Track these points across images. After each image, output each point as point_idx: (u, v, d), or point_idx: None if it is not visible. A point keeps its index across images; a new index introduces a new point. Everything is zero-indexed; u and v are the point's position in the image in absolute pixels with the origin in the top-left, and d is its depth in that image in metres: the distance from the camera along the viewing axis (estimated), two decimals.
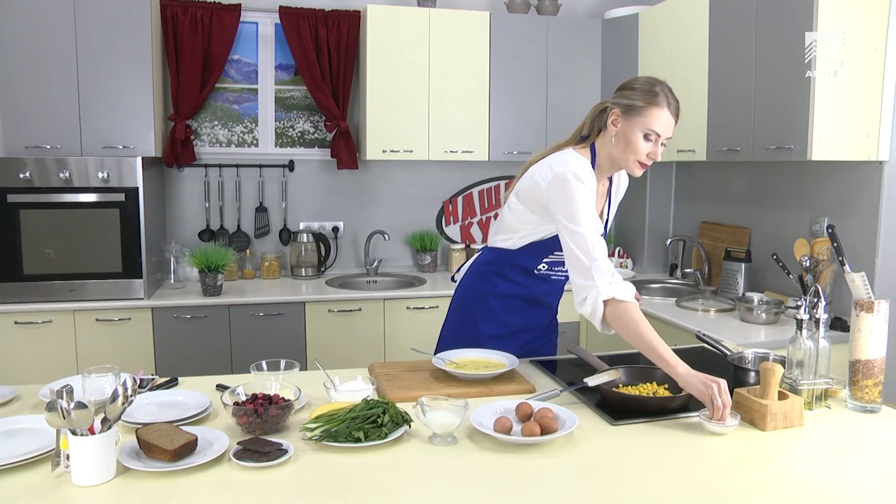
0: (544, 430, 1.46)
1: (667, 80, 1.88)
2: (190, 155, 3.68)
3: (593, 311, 1.77)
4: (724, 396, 1.54)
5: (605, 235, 1.96)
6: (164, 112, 3.61)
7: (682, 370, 1.64)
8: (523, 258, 2.01)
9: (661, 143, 1.84)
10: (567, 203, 1.80)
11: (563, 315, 3.56)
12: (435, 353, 2.17)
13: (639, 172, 1.90)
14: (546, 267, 2.03)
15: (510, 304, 2.08)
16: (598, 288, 1.74)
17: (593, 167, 1.90)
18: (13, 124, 3.16)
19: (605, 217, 2.06)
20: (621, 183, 2.11)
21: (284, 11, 3.67)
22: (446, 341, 2.15)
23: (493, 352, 1.99)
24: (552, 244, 1.95)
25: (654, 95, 1.81)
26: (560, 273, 2.06)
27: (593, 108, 1.96)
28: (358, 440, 1.43)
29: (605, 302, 1.75)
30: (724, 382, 1.57)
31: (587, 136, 1.97)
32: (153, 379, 1.86)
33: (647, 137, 1.82)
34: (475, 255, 2.21)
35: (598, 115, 1.94)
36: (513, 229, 2.00)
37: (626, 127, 1.83)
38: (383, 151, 3.66)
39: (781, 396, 1.60)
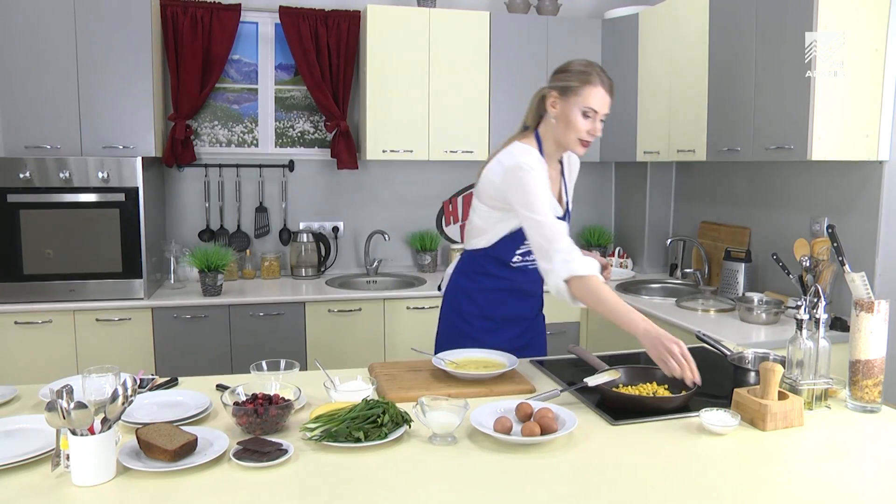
0: (544, 430, 1.46)
1: (667, 80, 1.91)
2: (190, 155, 3.68)
3: (558, 291, 1.87)
4: (682, 357, 1.62)
5: (568, 218, 2.09)
6: (164, 112, 3.61)
7: (641, 329, 1.70)
8: (498, 253, 2.09)
9: (600, 120, 1.97)
10: (522, 193, 1.90)
11: (563, 315, 3.58)
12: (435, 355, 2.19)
13: (582, 151, 2.01)
14: (520, 258, 2.10)
15: (496, 297, 2.14)
16: (555, 270, 1.84)
17: (541, 153, 2.01)
18: (13, 124, 3.16)
19: (564, 199, 2.14)
20: (572, 164, 2.21)
21: (284, 11, 3.67)
22: (443, 342, 2.20)
23: (493, 352, 1.99)
24: (520, 235, 2.02)
25: (588, 75, 1.95)
26: (535, 262, 2.11)
27: (533, 98, 2.07)
28: (358, 440, 1.43)
29: (568, 281, 1.83)
30: (681, 343, 1.64)
31: (529, 127, 2.09)
32: (153, 379, 1.86)
33: (585, 115, 1.94)
34: (455, 261, 2.28)
35: (539, 103, 2.05)
36: (482, 230, 2.09)
37: (565, 107, 1.96)
38: (383, 151, 3.66)
39: (781, 396, 1.60)
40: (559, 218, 2.02)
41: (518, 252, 2.07)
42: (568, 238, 1.87)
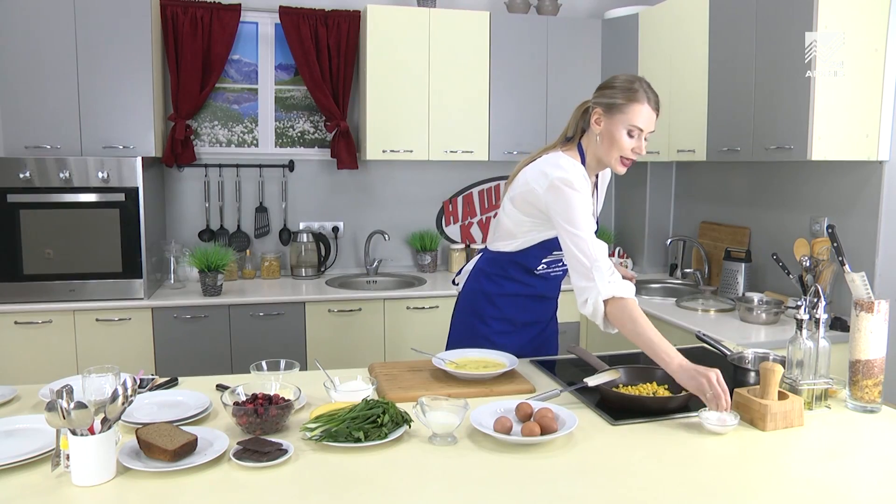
0: (544, 430, 1.46)
1: (667, 80, 1.90)
2: (190, 155, 3.68)
3: (595, 311, 1.80)
4: (718, 385, 1.57)
5: (597, 231, 2.01)
6: (164, 112, 3.62)
7: (675, 364, 1.66)
8: (524, 260, 2.06)
9: (644, 138, 1.90)
10: (566, 208, 1.84)
11: (563, 315, 3.56)
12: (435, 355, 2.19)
13: (622, 170, 1.95)
14: (545, 267, 2.08)
15: (517, 302, 2.13)
16: (598, 288, 1.78)
17: (583, 166, 1.95)
18: (13, 124, 3.16)
19: (595, 212, 2.10)
20: (605, 176, 2.17)
21: (284, 11, 3.67)
22: (458, 342, 2.17)
23: (493, 352, 1.99)
24: (550, 245, 2.00)
25: (634, 92, 1.87)
26: (558, 269, 2.12)
27: (576, 109, 2.02)
28: (358, 440, 1.43)
29: (606, 301, 1.78)
30: (716, 371, 1.59)
31: (572, 137, 2.03)
32: (153, 379, 1.86)
33: (629, 133, 1.88)
34: (476, 258, 2.23)
35: (581, 116, 2.00)
36: (511, 234, 2.04)
37: (610, 125, 1.89)
38: (383, 151, 3.66)
39: (781, 396, 1.60)
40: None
41: (544, 261, 2.05)
42: (608, 259, 1.83)
